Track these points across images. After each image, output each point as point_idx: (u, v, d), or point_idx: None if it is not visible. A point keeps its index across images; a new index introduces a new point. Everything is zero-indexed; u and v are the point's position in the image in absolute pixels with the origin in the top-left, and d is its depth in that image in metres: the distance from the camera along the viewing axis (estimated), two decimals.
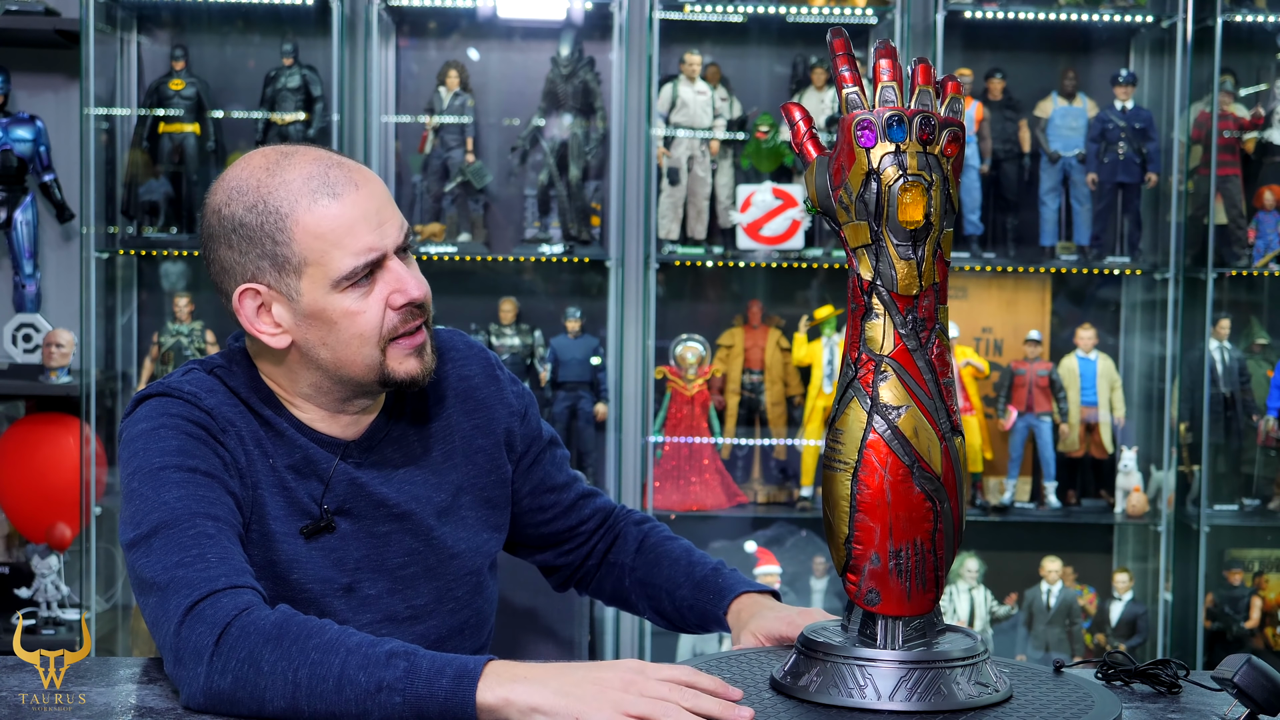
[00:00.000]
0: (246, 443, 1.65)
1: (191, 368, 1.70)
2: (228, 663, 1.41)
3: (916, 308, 1.44)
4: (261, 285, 1.64)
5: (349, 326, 1.63)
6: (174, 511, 1.53)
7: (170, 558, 1.49)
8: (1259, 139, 4.20)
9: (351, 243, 1.61)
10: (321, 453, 1.69)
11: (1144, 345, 4.35)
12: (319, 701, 1.39)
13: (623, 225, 4.09)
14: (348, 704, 1.38)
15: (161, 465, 1.57)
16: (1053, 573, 4.16)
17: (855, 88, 1.43)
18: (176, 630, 1.44)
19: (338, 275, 1.61)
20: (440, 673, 1.38)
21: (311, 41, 4.19)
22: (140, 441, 1.61)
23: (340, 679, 1.39)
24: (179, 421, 1.61)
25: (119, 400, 4.17)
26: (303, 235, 1.61)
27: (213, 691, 1.42)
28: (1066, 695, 1.50)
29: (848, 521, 1.45)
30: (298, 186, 1.62)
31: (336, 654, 1.40)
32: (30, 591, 3.97)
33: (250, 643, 1.41)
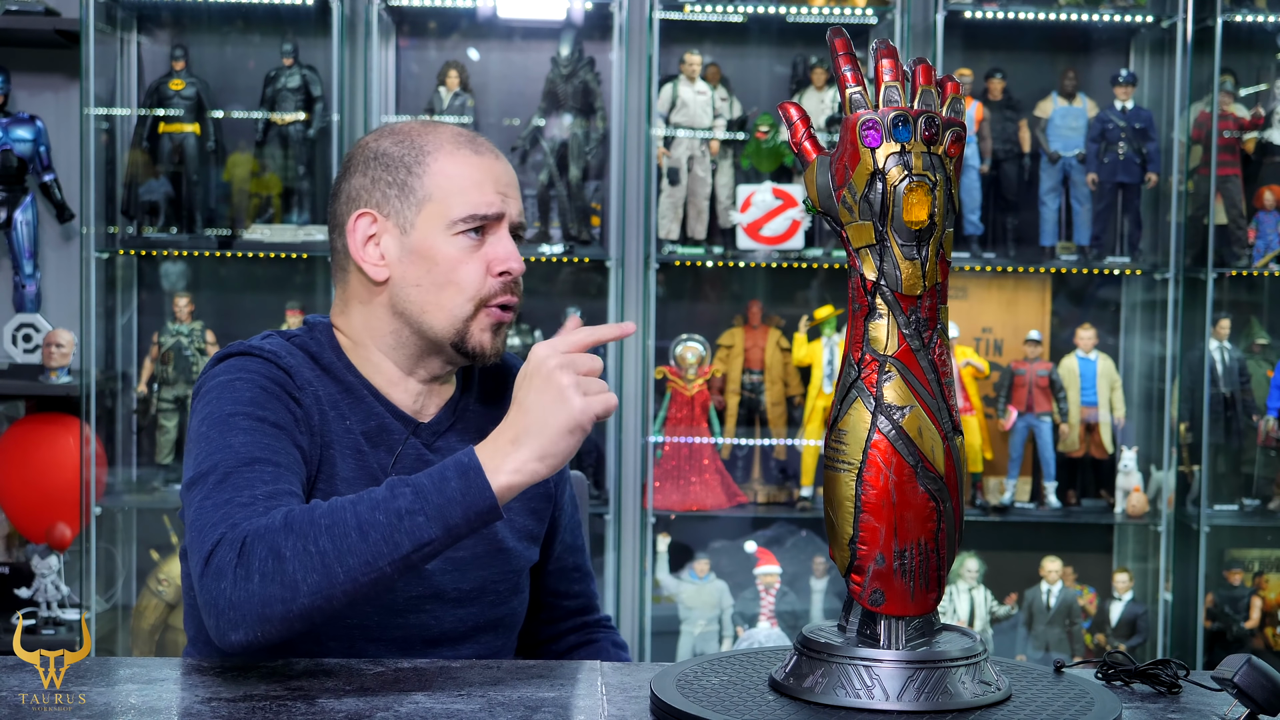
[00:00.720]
0: (323, 403, 1.71)
1: (269, 334, 1.76)
2: (250, 566, 1.44)
3: (920, 308, 1.44)
4: (379, 213, 1.73)
5: (448, 272, 1.71)
6: (237, 455, 1.57)
7: (222, 495, 1.53)
8: (1259, 139, 4.20)
9: (478, 194, 1.71)
10: (395, 424, 1.75)
11: (1144, 345, 4.36)
12: (350, 557, 1.43)
13: (623, 225, 4.09)
14: (376, 545, 1.43)
15: (232, 412, 1.62)
16: (1053, 573, 4.16)
17: (858, 88, 1.43)
18: (205, 562, 1.47)
19: (457, 215, 1.70)
20: (445, 479, 1.46)
21: (311, 41, 4.19)
22: (215, 392, 1.66)
23: (360, 527, 1.44)
24: (255, 376, 1.66)
25: (119, 400, 4.17)
26: (438, 171, 1.71)
27: (240, 601, 1.44)
28: (1066, 695, 1.50)
29: (852, 522, 1.45)
30: (447, 136, 1.75)
31: (344, 512, 1.45)
32: (30, 591, 3.97)
33: (265, 541, 1.45)
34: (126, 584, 4.17)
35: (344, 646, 1.70)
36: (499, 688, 1.54)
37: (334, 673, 1.58)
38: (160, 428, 4.13)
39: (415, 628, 1.74)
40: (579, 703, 1.51)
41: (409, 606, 1.72)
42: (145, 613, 4.06)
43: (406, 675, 1.58)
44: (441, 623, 1.75)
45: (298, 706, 1.45)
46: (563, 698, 1.52)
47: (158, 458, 4.14)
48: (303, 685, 1.53)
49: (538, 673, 1.61)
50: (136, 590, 4.14)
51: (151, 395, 4.12)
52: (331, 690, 1.51)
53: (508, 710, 1.46)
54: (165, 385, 4.11)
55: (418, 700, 1.48)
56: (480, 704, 1.48)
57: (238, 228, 4.20)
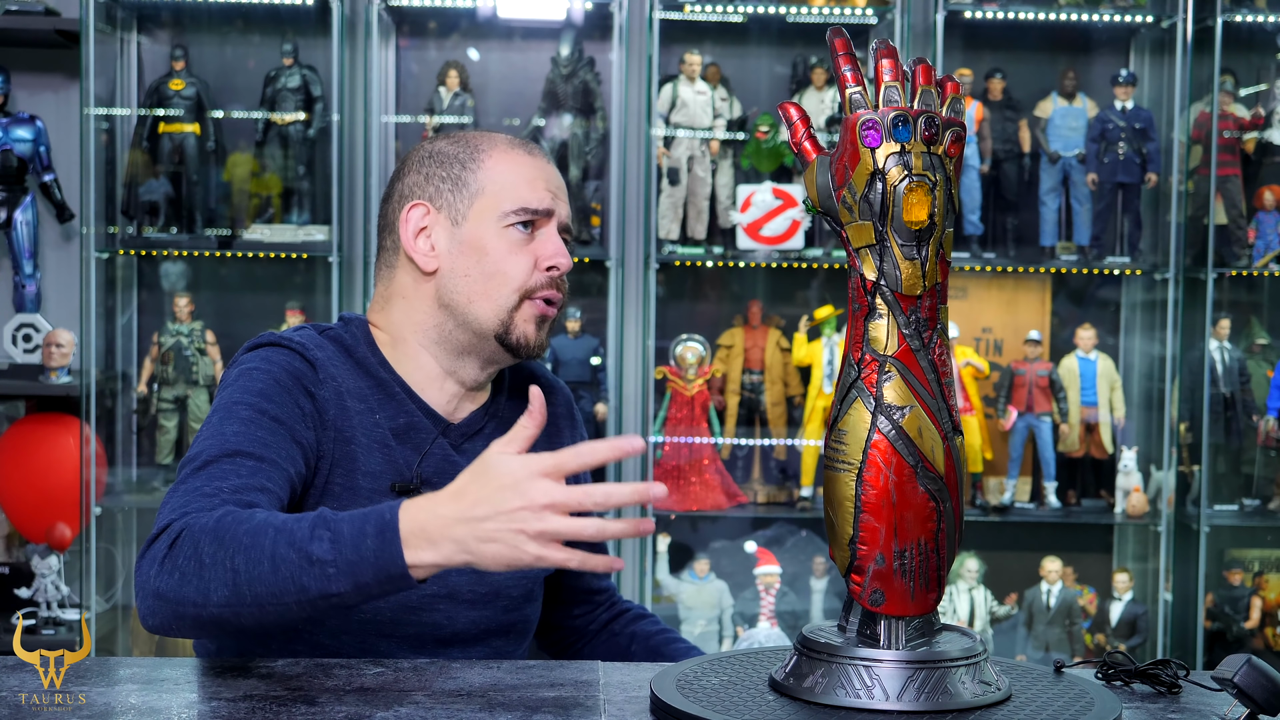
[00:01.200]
0: (347, 397, 1.72)
1: (304, 327, 1.78)
2: (175, 561, 1.45)
3: (920, 308, 1.44)
4: (432, 206, 1.77)
5: (498, 262, 1.74)
6: (224, 444, 1.59)
7: (195, 482, 1.55)
8: (1259, 139, 4.20)
9: (529, 189, 1.76)
10: (425, 423, 1.76)
11: (1144, 345, 4.36)
12: (258, 585, 1.42)
13: (623, 225, 4.09)
14: (284, 582, 1.41)
15: (238, 400, 1.64)
16: (1053, 573, 4.16)
17: (858, 88, 1.43)
18: (147, 545, 1.50)
19: (508, 208, 1.74)
20: (363, 535, 1.39)
21: (311, 41, 4.19)
22: (232, 380, 1.69)
23: (273, 559, 1.41)
24: (274, 368, 1.68)
25: (119, 400, 4.17)
26: (492, 167, 1.76)
27: (160, 592, 1.46)
28: (1066, 695, 1.50)
29: (852, 522, 1.45)
30: (503, 138, 1.81)
31: (265, 535, 1.42)
32: (30, 591, 3.97)
33: (194, 540, 1.46)
34: (126, 584, 4.17)
35: (357, 640, 1.72)
36: (499, 688, 1.54)
37: (334, 673, 1.58)
38: (160, 428, 4.13)
39: (429, 626, 1.75)
40: (579, 703, 1.51)
41: (424, 604, 1.73)
42: None
43: (406, 675, 1.58)
44: (455, 623, 1.76)
45: (298, 707, 1.45)
46: (563, 698, 1.52)
47: (158, 458, 4.14)
48: (303, 685, 1.53)
49: (538, 673, 1.61)
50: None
51: (151, 395, 4.12)
52: (331, 690, 1.51)
53: (508, 710, 1.46)
54: (165, 385, 4.11)
55: (418, 700, 1.48)
56: (480, 704, 1.48)
57: (238, 228, 4.20)
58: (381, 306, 1.81)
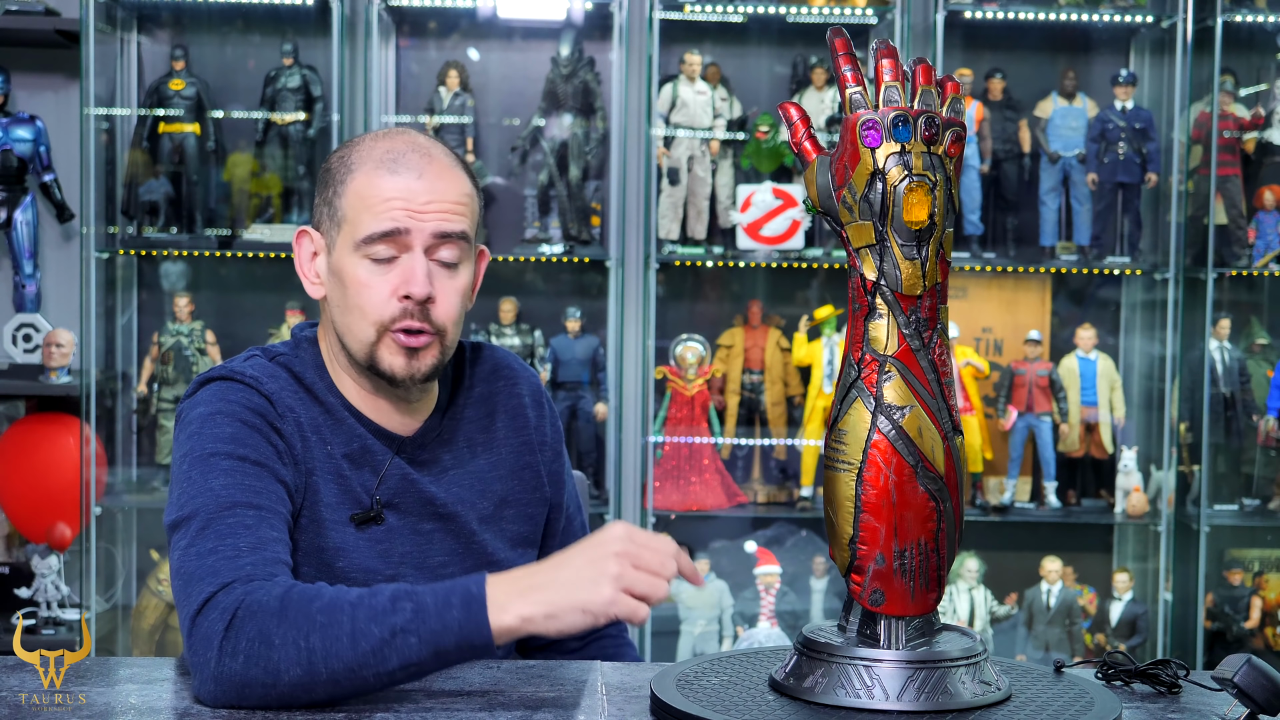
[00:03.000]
0: (305, 430, 1.68)
1: (254, 354, 1.73)
2: (237, 644, 1.42)
3: (920, 308, 1.44)
4: (316, 231, 1.73)
5: (355, 294, 1.67)
6: (218, 499, 1.55)
7: (205, 544, 1.51)
8: (1259, 139, 4.20)
9: (381, 211, 1.65)
10: (378, 444, 1.72)
11: (1144, 345, 4.35)
12: (335, 661, 1.40)
13: (623, 225, 4.09)
14: (364, 656, 1.41)
15: (213, 451, 1.59)
16: (1053, 573, 4.16)
17: (859, 88, 1.43)
18: (192, 620, 1.45)
19: (359, 236, 1.65)
20: (448, 605, 1.42)
21: (311, 41, 4.19)
22: (196, 425, 1.64)
23: (353, 634, 1.41)
24: (236, 408, 1.64)
25: (119, 400, 4.17)
26: (352, 192, 1.68)
27: (223, 675, 1.42)
28: (1066, 695, 1.50)
29: (852, 522, 1.45)
30: (376, 154, 1.68)
31: (342, 612, 1.42)
32: (30, 591, 3.97)
33: (257, 621, 1.42)
34: (126, 584, 4.17)
35: None
36: (499, 688, 1.54)
37: None
38: (160, 428, 4.13)
39: None
40: (579, 703, 1.51)
41: None
42: (145, 613, 4.06)
43: None
44: None
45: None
46: (563, 698, 1.52)
47: (158, 458, 4.14)
48: None
49: (538, 673, 1.60)
50: (136, 590, 4.14)
51: (151, 395, 4.12)
52: None
53: (508, 710, 1.46)
54: (165, 385, 4.11)
55: (418, 700, 1.48)
56: (480, 704, 1.47)
57: (238, 228, 4.20)
58: (321, 324, 1.77)
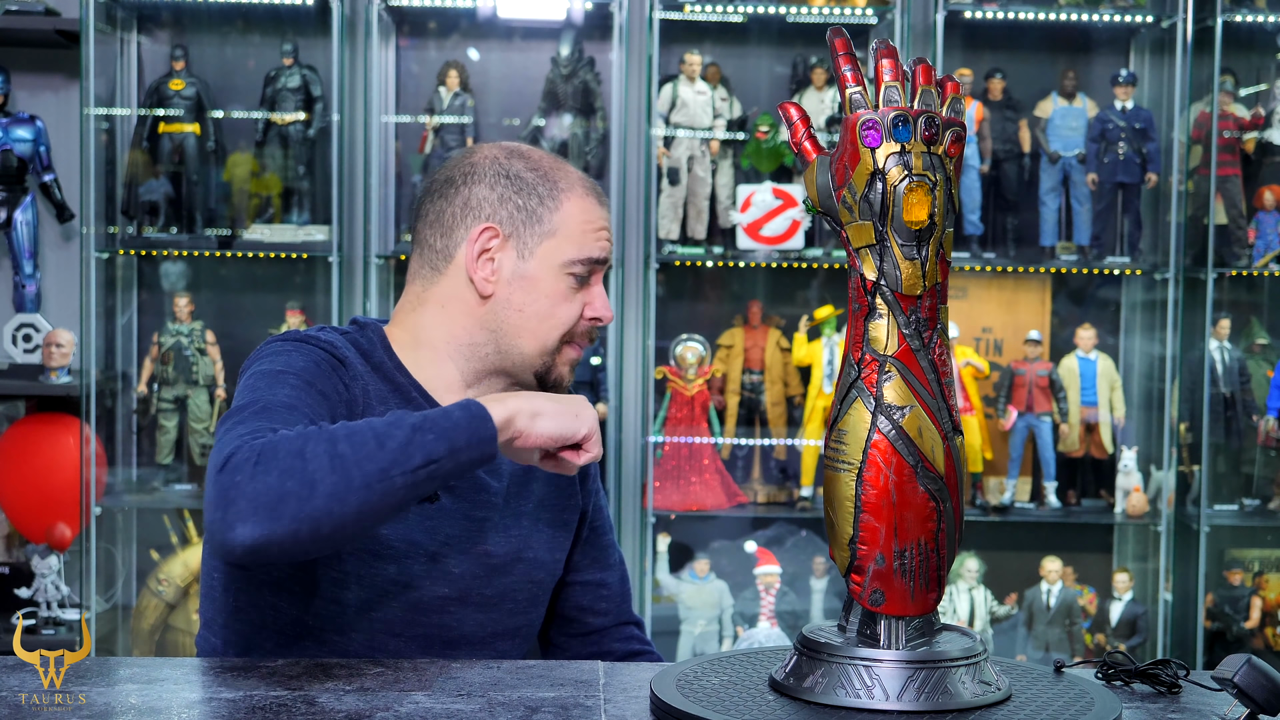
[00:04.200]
0: (371, 398, 1.74)
1: (323, 328, 1.79)
2: (269, 463, 1.45)
3: (920, 308, 1.44)
4: (503, 231, 1.77)
5: (549, 305, 1.77)
6: (280, 401, 1.59)
7: (256, 422, 1.54)
8: (1259, 139, 4.20)
9: (596, 239, 1.79)
10: None
11: (1144, 345, 4.36)
12: (369, 463, 1.46)
13: (623, 225, 4.09)
14: (392, 454, 1.47)
15: (284, 370, 1.65)
16: (1053, 573, 4.16)
17: (858, 88, 1.43)
18: (221, 465, 1.46)
19: (575, 256, 1.77)
20: (449, 413, 1.53)
21: (311, 41, 4.19)
22: (269, 357, 1.69)
23: (378, 438, 1.48)
24: (312, 351, 1.71)
25: (119, 400, 4.17)
26: (569, 210, 1.78)
27: (258, 493, 1.43)
28: (1066, 695, 1.50)
29: (852, 522, 1.45)
30: (578, 180, 1.82)
31: (361, 426, 1.50)
32: (30, 591, 3.97)
33: (287, 444, 1.47)
34: (126, 584, 4.17)
35: (366, 639, 1.73)
36: (499, 688, 1.54)
37: (334, 673, 1.58)
38: (160, 428, 4.13)
39: (438, 628, 1.76)
40: (579, 703, 1.51)
41: (435, 606, 1.75)
42: (145, 613, 4.06)
43: (406, 675, 1.58)
44: (463, 625, 1.77)
45: (298, 707, 1.45)
46: (563, 698, 1.52)
47: (158, 458, 4.14)
48: (303, 685, 1.53)
49: (538, 673, 1.61)
50: (136, 590, 4.14)
51: (151, 395, 4.12)
52: (331, 690, 1.51)
53: (508, 710, 1.46)
54: (165, 385, 4.11)
55: (418, 700, 1.48)
56: (480, 704, 1.48)
57: (238, 228, 4.20)
58: (414, 306, 1.80)
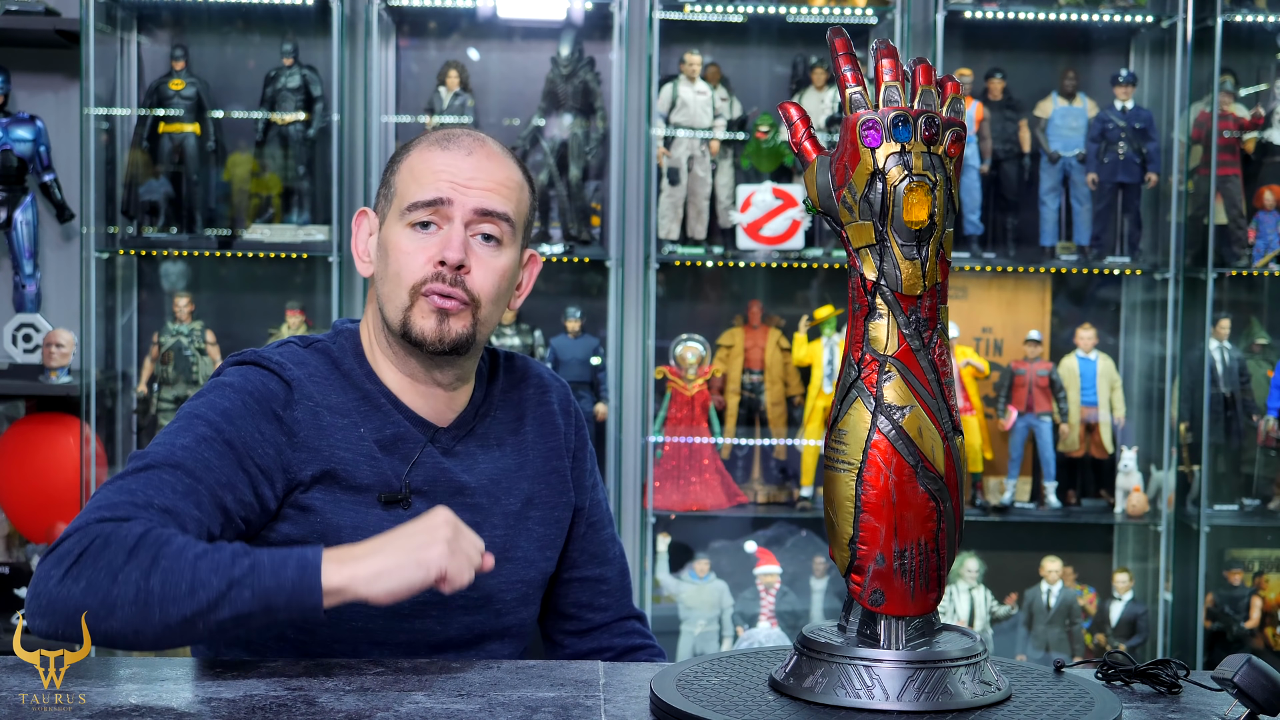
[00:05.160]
0: (330, 414, 1.71)
1: (289, 342, 1.78)
2: (82, 569, 1.48)
3: (920, 307, 1.44)
4: (373, 211, 1.81)
5: (395, 261, 1.73)
6: (170, 454, 1.61)
7: (129, 484, 1.57)
8: (1259, 139, 4.20)
9: (428, 182, 1.72)
10: (413, 432, 1.75)
11: (1144, 345, 4.35)
12: (172, 606, 1.47)
13: (623, 225, 4.09)
14: (199, 603, 1.47)
15: (199, 414, 1.66)
16: (1053, 573, 4.16)
17: (859, 88, 1.43)
18: (61, 538, 1.51)
19: (404, 204, 1.72)
20: (284, 564, 1.49)
21: (311, 41, 4.19)
22: (203, 392, 1.70)
23: (192, 586, 1.47)
24: (243, 391, 1.68)
25: (119, 400, 4.17)
26: (406, 167, 1.76)
27: (60, 597, 1.47)
28: (1066, 695, 1.50)
29: (852, 522, 1.45)
30: (432, 136, 1.78)
31: (184, 562, 1.47)
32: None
33: (109, 554, 1.48)
34: None
35: (348, 649, 1.71)
36: (499, 688, 1.54)
37: (334, 673, 1.58)
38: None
39: (421, 633, 1.74)
40: (579, 703, 1.51)
41: (415, 612, 1.72)
42: None
43: (406, 675, 1.58)
44: (447, 629, 1.76)
45: (298, 707, 1.45)
46: (563, 698, 1.52)
47: None
48: (303, 685, 1.53)
49: (538, 673, 1.61)
50: None
51: (151, 395, 4.12)
52: (331, 690, 1.51)
53: (508, 710, 1.46)
54: (165, 385, 4.11)
55: (418, 700, 1.48)
56: (480, 704, 1.48)
57: (238, 228, 4.20)
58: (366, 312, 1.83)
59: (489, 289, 1.73)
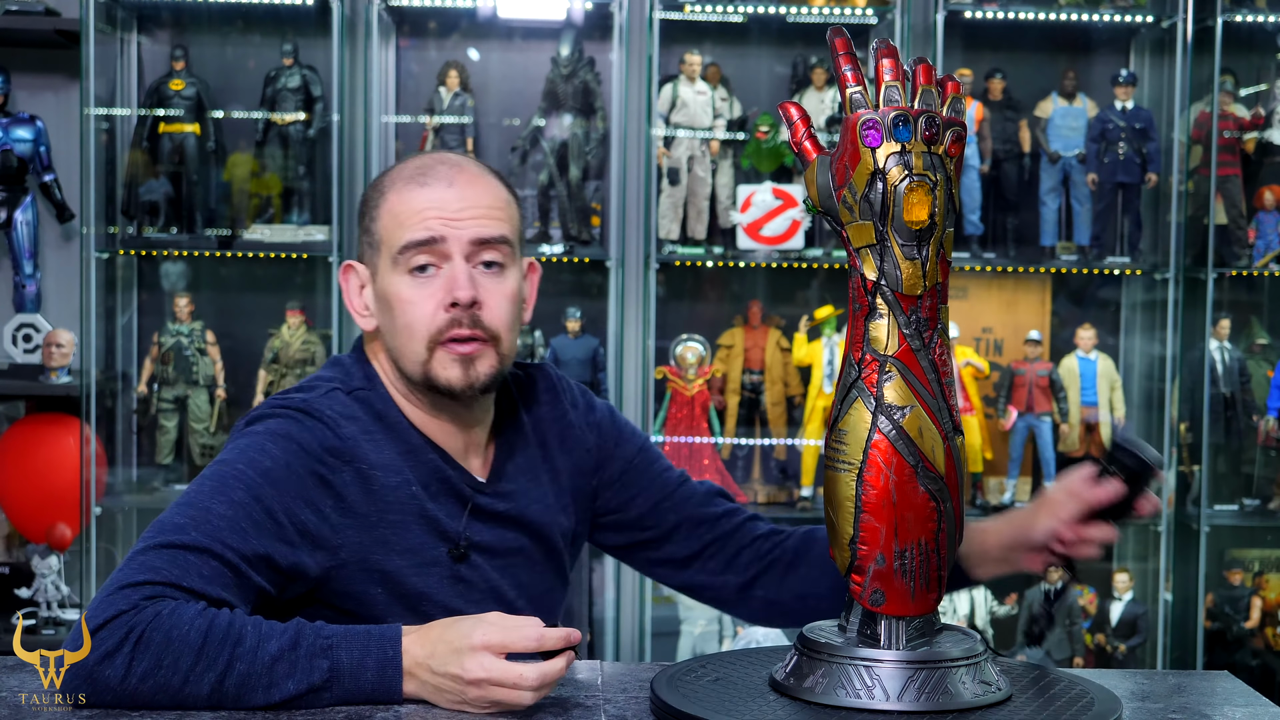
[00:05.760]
0: (380, 472, 1.63)
1: (335, 388, 1.68)
2: (144, 666, 1.40)
3: (920, 307, 1.44)
4: (359, 263, 1.72)
5: (402, 314, 1.66)
6: (201, 530, 1.50)
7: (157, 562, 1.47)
8: (1259, 139, 4.20)
9: (416, 223, 1.65)
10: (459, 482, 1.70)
11: (1144, 345, 4.35)
12: (246, 705, 1.43)
13: (623, 225, 4.09)
14: (275, 706, 1.43)
15: (238, 476, 1.56)
16: (1053, 573, 4.16)
17: (859, 87, 1.43)
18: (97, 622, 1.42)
19: (396, 251, 1.65)
20: (363, 666, 1.45)
21: (311, 41, 4.18)
22: (246, 441, 1.60)
23: (269, 687, 1.42)
24: (294, 447, 1.59)
25: (119, 400, 4.17)
26: (385, 213, 1.68)
27: (127, 698, 1.41)
28: (1067, 695, 1.50)
29: (852, 522, 1.45)
30: (404, 174, 1.69)
31: (261, 662, 1.43)
32: (30, 591, 3.97)
33: (174, 651, 1.41)
34: None
35: None
36: None
37: None
38: (160, 428, 4.13)
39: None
40: (579, 703, 1.51)
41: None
42: None
43: None
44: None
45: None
46: (563, 698, 1.52)
47: (158, 458, 4.14)
48: None
49: None
50: None
51: (151, 395, 4.12)
52: None
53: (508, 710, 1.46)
54: (165, 385, 4.10)
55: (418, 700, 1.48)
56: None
57: (238, 228, 4.20)
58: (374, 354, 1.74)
59: (505, 318, 1.68)
